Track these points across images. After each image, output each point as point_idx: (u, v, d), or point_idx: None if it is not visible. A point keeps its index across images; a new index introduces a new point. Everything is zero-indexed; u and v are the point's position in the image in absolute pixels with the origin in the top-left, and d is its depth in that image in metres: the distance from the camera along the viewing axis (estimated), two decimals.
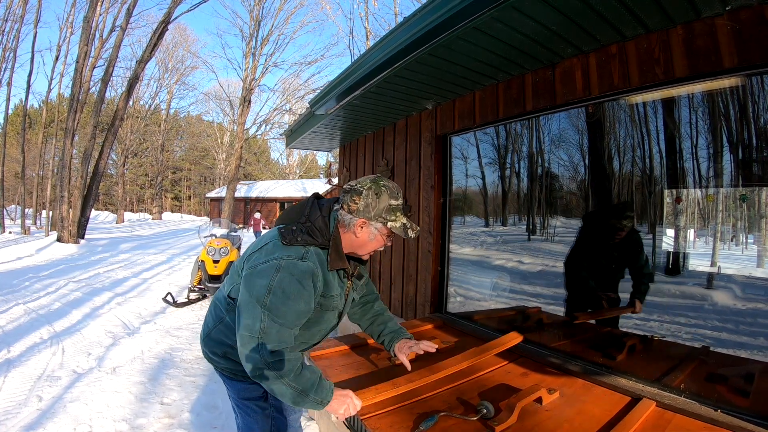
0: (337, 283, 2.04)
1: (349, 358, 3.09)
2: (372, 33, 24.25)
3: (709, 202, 2.36)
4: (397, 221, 1.95)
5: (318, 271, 1.90)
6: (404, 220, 1.97)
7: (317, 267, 1.90)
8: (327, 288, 1.99)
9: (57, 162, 24.50)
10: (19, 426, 3.61)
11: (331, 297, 2.02)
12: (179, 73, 42.09)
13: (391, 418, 2.24)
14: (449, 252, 4.15)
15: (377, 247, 2.02)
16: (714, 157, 2.31)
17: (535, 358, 2.94)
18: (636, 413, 2.14)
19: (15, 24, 25.16)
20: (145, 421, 3.79)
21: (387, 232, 1.98)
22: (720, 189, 2.30)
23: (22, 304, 7.72)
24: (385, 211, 1.93)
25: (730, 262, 2.30)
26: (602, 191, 2.92)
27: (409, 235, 1.95)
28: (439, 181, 4.17)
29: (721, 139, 2.29)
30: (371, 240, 1.98)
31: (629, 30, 2.38)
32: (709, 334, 2.34)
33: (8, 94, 25.78)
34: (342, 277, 2.07)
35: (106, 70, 18.37)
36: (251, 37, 31.54)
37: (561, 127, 3.13)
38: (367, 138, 5.81)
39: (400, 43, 2.73)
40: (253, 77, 31.14)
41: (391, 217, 1.94)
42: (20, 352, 5.35)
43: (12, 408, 3.93)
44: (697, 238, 2.42)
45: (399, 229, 1.94)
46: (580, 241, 3.00)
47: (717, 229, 2.33)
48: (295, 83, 33.14)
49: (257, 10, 31.10)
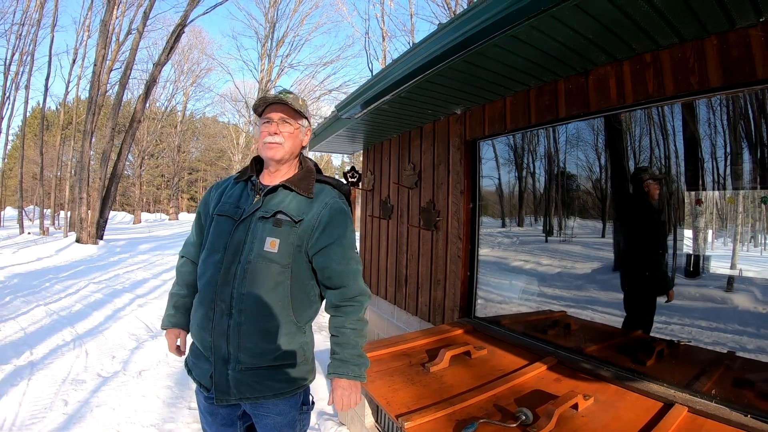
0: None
1: (382, 364, 3.13)
2: (388, 34, 24.34)
3: (729, 205, 2.39)
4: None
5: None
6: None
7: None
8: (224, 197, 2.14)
9: (75, 163, 24.86)
10: (46, 430, 3.61)
11: (225, 203, 2.11)
12: (195, 75, 42.34)
13: (430, 425, 2.29)
14: (479, 257, 4.18)
15: (260, 138, 2.06)
16: (734, 159, 2.35)
17: (567, 364, 2.98)
18: (669, 419, 2.19)
19: (32, 28, 25.53)
20: (174, 426, 3.78)
21: (260, 120, 2.08)
22: (740, 191, 2.33)
23: (43, 306, 7.78)
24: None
25: (750, 264, 2.33)
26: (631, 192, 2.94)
27: (267, 96, 2.03)
28: (469, 186, 4.21)
29: (741, 141, 2.33)
30: (259, 135, 2.08)
31: (664, 39, 2.41)
32: (730, 338, 2.37)
33: (26, 97, 26.11)
34: (250, 190, 2.11)
35: (123, 73, 18.67)
36: (266, 38, 31.59)
37: (592, 132, 3.16)
38: (392, 142, 5.86)
39: (437, 49, 2.76)
40: (269, 79, 31.18)
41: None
42: (43, 355, 5.37)
43: (38, 412, 3.91)
44: (717, 239, 2.44)
45: (258, 101, 2.04)
46: (631, 234, 3.02)
47: (737, 231, 2.36)
48: (311, 84, 33.06)
49: (272, 12, 31.15)
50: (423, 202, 4.95)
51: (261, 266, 1.91)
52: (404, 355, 3.29)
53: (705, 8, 2.05)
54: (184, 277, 2.26)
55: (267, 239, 1.92)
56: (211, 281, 1.95)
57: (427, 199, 4.85)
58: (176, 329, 2.23)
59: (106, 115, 24.94)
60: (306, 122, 2.12)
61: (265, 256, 1.91)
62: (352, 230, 2.09)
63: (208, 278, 1.98)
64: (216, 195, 2.18)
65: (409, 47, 3.10)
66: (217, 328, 1.91)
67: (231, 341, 1.90)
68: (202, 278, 2.02)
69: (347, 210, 2.08)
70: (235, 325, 1.89)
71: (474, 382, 2.76)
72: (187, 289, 2.24)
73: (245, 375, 1.92)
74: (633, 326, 2.90)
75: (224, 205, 2.08)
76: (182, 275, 2.27)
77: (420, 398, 2.56)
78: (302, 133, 2.10)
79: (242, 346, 1.90)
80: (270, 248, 1.91)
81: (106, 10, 17.83)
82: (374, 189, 6.53)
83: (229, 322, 1.89)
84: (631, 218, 2.98)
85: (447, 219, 4.46)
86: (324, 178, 2.15)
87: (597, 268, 3.17)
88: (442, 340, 3.61)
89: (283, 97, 1.98)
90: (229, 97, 39.60)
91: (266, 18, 31.45)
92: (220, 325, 1.91)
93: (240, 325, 1.89)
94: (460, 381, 2.81)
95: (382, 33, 24.33)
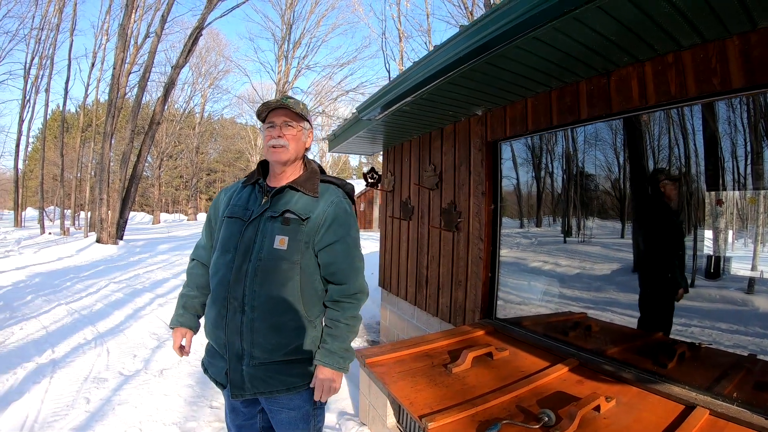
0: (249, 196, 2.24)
1: (404, 365, 3.17)
2: (405, 34, 24.37)
3: (750, 205, 2.38)
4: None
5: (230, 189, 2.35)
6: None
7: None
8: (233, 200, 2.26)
9: (94, 165, 25.20)
10: (69, 428, 3.66)
11: (235, 206, 2.21)
12: (212, 77, 42.82)
13: (453, 425, 2.32)
14: (500, 258, 4.20)
15: (265, 141, 2.15)
16: (755, 159, 2.35)
17: (589, 366, 3.00)
18: (691, 421, 2.20)
19: (51, 32, 26.11)
20: (195, 425, 3.83)
21: (264, 125, 2.18)
22: (761, 191, 2.34)
23: (64, 305, 7.90)
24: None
25: None
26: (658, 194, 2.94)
27: (269, 102, 2.14)
28: (490, 187, 4.23)
29: (762, 141, 2.34)
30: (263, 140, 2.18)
31: (686, 39, 2.42)
32: (751, 341, 2.37)
33: (47, 100, 26.76)
34: (257, 192, 2.22)
35: (142, 76, 18.96)
36: (283, 40, 31.70)
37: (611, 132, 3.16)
38: (413, 142, 5.89)
39: (458, 51, 2.80)
40: (286, 80, 31.30)
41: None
42: (65, 353, 5.45)
43: (60, 409, 3.97)
44: (737, 240, 2.43)
45: (261, 107, 2.14)
46: (651, 235, 3.02)
47: (758, 231, 2.36)
48: (328, 85, 33.19)
49: (288, 14, 31.27)
50: (444, 203, 4.98)
51: (271, 263, 2.01)
52: (426, 356, 3.32)
53: (726, 8, 2.06)
54: (194, 278, 2.37)
55: (276, 237, 2.02)
56: (224, 280, 2.05)
57: (448, 201, 4.87)
58: (183, 328, 2.32)
59: (125, 118, 25.32)
60: (308, 124, 2.22)
61: (275, 254, 2.01)
62: (356, 229, 2.21)
63: (220, 278, 2.08)
64: (225, 199, 2.29)
65: (431, 50, 3.12)
66: (231, 325, 2.01)
67: (244, 338, 2.00)
68: (215, 278, 2.12)
69: (350, 210, 2.20)
70: (248, 322, 1.99)
71: (496, 383, 2.79)
72: (197, 290, 2.34)
73: (259, 370, 2.02)
74: (651, 328, 2.91)
75: (234, 208, 2.18)
76: (193, 277, 2.38)
77: (443, 399, 2.59)
78: (305, 135, 2.21)
79: (255, 342, 1.99)
80: (279, 246, 2.01)
81: (124, 14, 18.12)
82: (394, 190, 6.57)
83: (242, 319, 1.99)
84: (650, 218, 2.99)
85: (468, 220, 4.49)
86: (328, 178, 2.26)
87: (616, 269, 3.17)
88: (464, 341, 3.64)
89: (285, 102, 2.09)
90: (246, 98, 39.97)
91: (283, 20, 31.61)
92: (233, 323, 2.01)
93: (253, 322, 1.99)
94: (483, 382, 2.84)
95: (399, 33, 24.39)
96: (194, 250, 2.44)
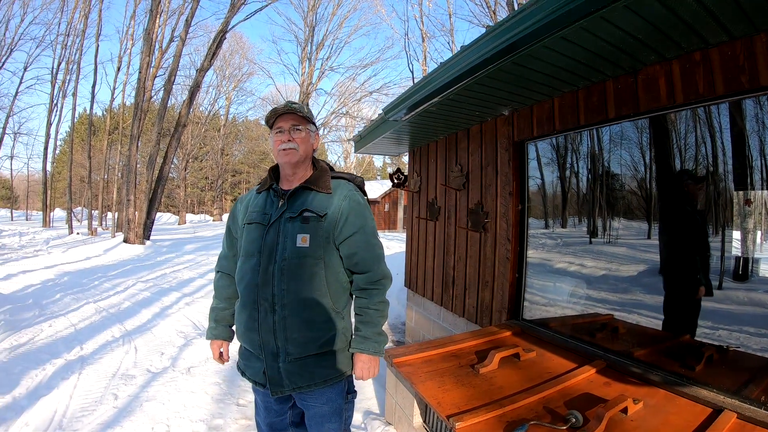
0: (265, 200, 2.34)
1: (431, 365, 3.20)
2: (427, 35, 24.42)
3: None
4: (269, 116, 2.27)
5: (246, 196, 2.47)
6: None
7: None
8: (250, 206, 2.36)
9: (122, 167, 25.65)
10: (96, 423, 3.72)
11: (253, 212, 2.31)
12: (236, 80, 43.44)
13: (481, 425, 2.34)
14: (527, 258, 4.20)
15: (275, 146, 2.23)
16: None
17: (616, 367, 2.99)
18: (718, 425, 2.19)
19: (77, 38, 26.78)
20: (222, 422, 3.88)
21: (272, 132, 2.28)
22: None
23: (92, 303, 8.03)
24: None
25: None
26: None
27: (276, 108, 2.23)
28: (517, 187, 4.23)
29: None
30: (272, 145, 2.28)
31: (713, 37, 2.40)
32: None
33: (74, 104, 27.34)
34: (273, 197, 2.32)
35: (168, 79, 19.36)
36: (306, 42, 31.86)
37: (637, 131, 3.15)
38: (439, 143, 5.91)
39: (486, 52, 2.81)
40: (310, 81, 31.46)
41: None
42: (93, 350, 5.55)
43: (88, 405, 4.05)
44: (766, 241, 2.41)
45: (269, 114, 2.24)
46: (677, 235, 3.00)
47: None
48: (352, 86, 33.25)
49: (311, 17, 31.42)
50: (471, 204, 4.99)
51: (296, 261, 2.11)
52: (453, 357, 3.34)
53: (753, 4, 2.04)
54: (221, 291, 2.50)
55: (298, 236, 2.12)
56: (251, 284, 2.17)
57: (475, 201, 4.88)
58: (218, 340, 2.49)
59: (151, 120, 25.83)
60: (313, 127, 2.34)
61: (299, 252, 2.11)
62: (372, 218, 2.31)
63: (247, 282, 2.19)
64: (242, 208, 2.41)
65: (457, 51, 3.14)
66: (263, 325, 2.12)
67: (278, 336, 2.11)
68: (242, 283, 2.24)
69: (364, 201, 2.32)
70: (280, 320, 2.09)
71: (523, 384, 2.80)
72: (225, 302, 2.48)
73: (295, 365, 2.13)
74: (678, 330, 2.90)
75: (252, 214, 2.29)
76: (219, 290, 2.51)
77: (470, 399, 2.61)
78: (312, 137, 2.31)
79: (289, 338, 2.10)
80: (302, 243, 2.11)
81: (148, 19, 18.53)
82: (420, 190, 6.59)
83: (274, 318, 2.10)
84: (677, 219, 2.97)
85: (495, 221, 4.50)
86: (338, 174, 2.38)
87: (643, 270, 3.16)
88: (491, 342, 3.66)
89: (291, 107, 2.20)
90: (270, 100, 40.30)
91: (305, 22, 31.81)
92: (265, 323, 2.12)
93: (285, 319, 2.09)
94: (510, 383, 2.85)
95: (422, 34, 24.47)
96: (217, 262, 2.55)
